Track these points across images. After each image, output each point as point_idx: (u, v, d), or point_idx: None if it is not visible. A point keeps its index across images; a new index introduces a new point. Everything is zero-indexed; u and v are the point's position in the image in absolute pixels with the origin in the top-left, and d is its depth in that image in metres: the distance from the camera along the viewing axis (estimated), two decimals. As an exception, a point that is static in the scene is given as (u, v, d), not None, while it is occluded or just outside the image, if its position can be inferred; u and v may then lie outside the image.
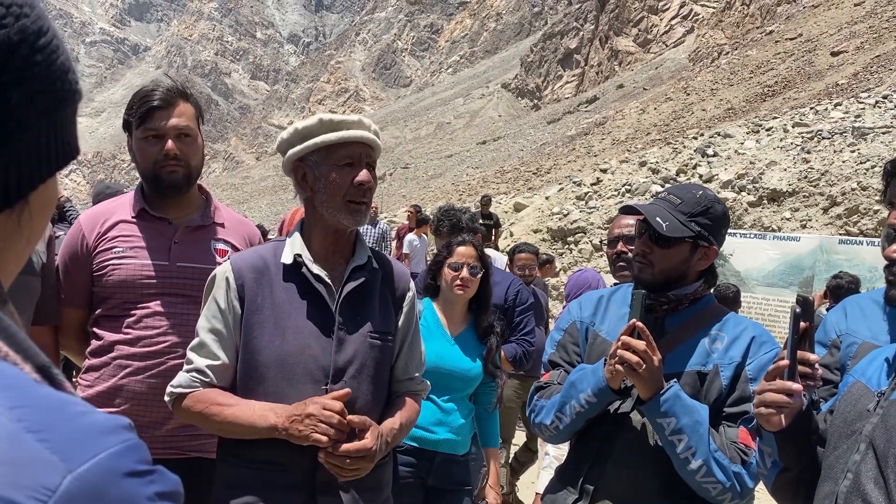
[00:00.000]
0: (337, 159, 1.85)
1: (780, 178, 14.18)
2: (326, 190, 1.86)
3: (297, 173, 1.92)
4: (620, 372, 1.89)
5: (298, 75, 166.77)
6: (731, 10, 52.58)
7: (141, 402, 2.20)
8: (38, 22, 0.60)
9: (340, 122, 1.87)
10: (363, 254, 1.98)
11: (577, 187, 18.03)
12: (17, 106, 0.58)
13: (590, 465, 2.05)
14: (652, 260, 2.02)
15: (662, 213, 1.98)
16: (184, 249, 2.29)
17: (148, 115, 2.20)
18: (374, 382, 1.93)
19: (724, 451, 1.90)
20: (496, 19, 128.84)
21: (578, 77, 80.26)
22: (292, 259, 1.89)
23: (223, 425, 1.82)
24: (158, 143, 2.21)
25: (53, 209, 0.69)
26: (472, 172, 46.54)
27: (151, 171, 2.24)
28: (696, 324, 2.04)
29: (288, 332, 1.85)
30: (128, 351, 2.21)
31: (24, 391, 0.52)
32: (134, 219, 2.29)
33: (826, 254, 9.93)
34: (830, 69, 31.40)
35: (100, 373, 2.23)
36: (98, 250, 2.26)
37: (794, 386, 1.55)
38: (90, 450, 0.51)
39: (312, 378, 1.84)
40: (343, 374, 1.87)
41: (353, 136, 1.85)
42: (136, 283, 2.23)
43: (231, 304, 1.86)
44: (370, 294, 1.96)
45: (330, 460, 1.76)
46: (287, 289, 1.88)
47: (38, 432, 0.49)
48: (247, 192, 78.92)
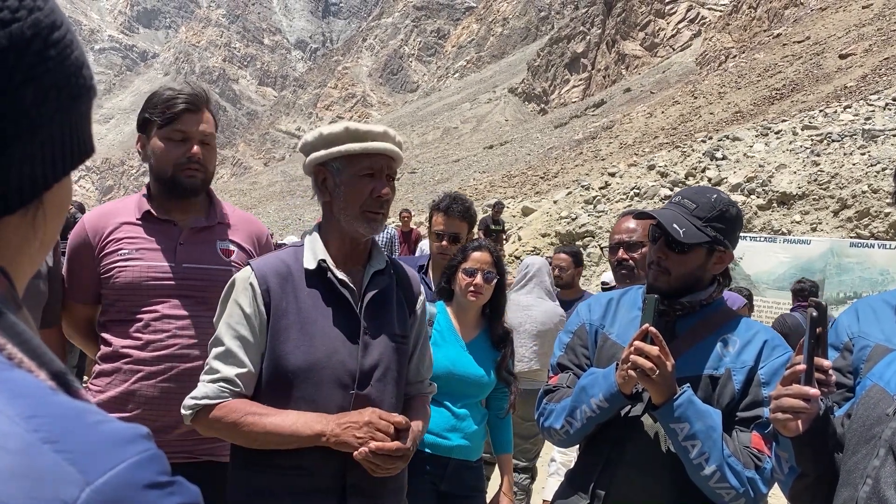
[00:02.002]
0: (358, 169, 1.86)
1: (789, 181, 14.12)
2: (345, 198, 1.87)
3: (318, 177, 1.93)
4: (633, 377, 1.87)
5: (306, 81, 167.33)
6: (739, 14, 52.48)
7: (153, 407, 2.20)
8: (51, 16, 0.58)
9: (366, 133, 1.87)
10: (381, 259, 1.99)
11: (585, 191, 18.00)
12: (30, 102, 0.56)
13: (601, 470, 2.03)
14: (668, 267, 2.00)
15: (678, 219, 1.96)
16: (189, 250, 2.29)
17: (177, 117, 2.21)
18: (396, 385, 1.95)
19: (737, 457, 1.87)
20: (503, 24, 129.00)
21: (585, 81, 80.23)
22: (315, 264, 1.89)
23: (260, 435, 1.78)
24: (182, 146, 2.23)
25: (68, 210, 0.67)
26: (479, 177, 46.57)
27: (170, 173, 2.25)
28: (708, 327, 2.02)
29: (315, 337, 1.85)
30: (138, 356, 2.21)
31: (40, 400, 0.51)
32: (139, 221, 2.30)
33: (837, 257, 9.87)
34: (839, 72, 31.27)
35: (111, 378, 2.23)
36: (104, 252, 2.27)
37: (812, 391, 1.53)
38: (109, 461, 0.49)
39: (340, 383, 1.85)
40: (369, 378, 1.88)
41: (376, 147, 1.86)
42: (143, 284, 2.23)
43: (258, 310, 1.84)
44: (389, 298, 1.98)
45: (371, 459, 1.76)
46: (311, 294, 1.88)
47: (55, 443, 0.48)
48: (255, 197, 79.13)
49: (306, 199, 66.30)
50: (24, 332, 0.56)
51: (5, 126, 0.55)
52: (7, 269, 0.60)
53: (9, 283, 0.59)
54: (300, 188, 79.20)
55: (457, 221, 3.41)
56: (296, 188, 78.79)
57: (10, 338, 0.55)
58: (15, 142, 0.56)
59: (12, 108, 0.56)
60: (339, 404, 1.84)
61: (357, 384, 1.86)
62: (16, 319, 0.56)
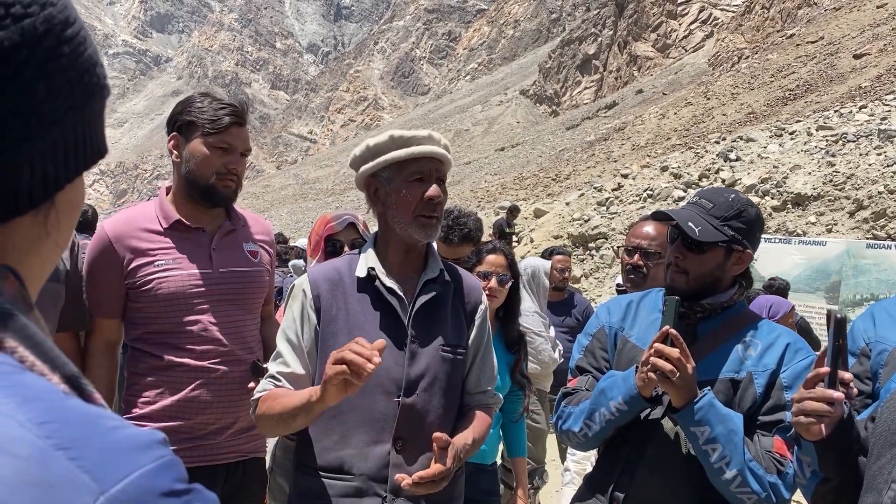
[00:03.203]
0: (407, 175, 1.88)
1: (804, 181, 14.02)
2: (398, 205, 1.89)
3: (370, 189, 1.95)
4: (653, 380, 1.85)
5: (318, 84, 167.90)
6: (751, 14, 52.21)
7: (212, 411, 2.25)
8: (64, 12, 0.57)
9: (411, 139, 1.88)
10: (435, 266, 1.98)
11: (598, 193, 17.94)
12: (42, 100, 0.55)
13: (620, 473, 2.01)
14: (686, 267, 1.98)
15: (695, 218, 1.95)
16: (223, 255, 2.32)
17: (226, 129, 2.25)
18: (445, 396, 1.93)
19: (759, 461, 1.85)
20: (514, 26, 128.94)
21: (597, 83, 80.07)
22: (366, 272, 1.91)
23: (282, 418, 1.79)
24: (226, 156, 2.26)
25: (80, 211, 0.66)
26: (490, 179, 46.51)
27: (208, 180, 2.26)
28: (729, 330, 2.00)
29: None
30: (194, 364, 2.24)
31: (53, 404, 0.49)
32: (165, 230, 2.28)
33: (853, 258, 9.78)
34: (853, 72, 31.04)
35: (161, 389, 2.25)
36: (135, 264, 2.24)
37: (836, 394, 1.50)
38: (124, 468, 0.48)
39: (384, 390, 1.85)
40: (416, 386, 1.87)
41: (422, 151, 1.87)
42: (186, 293, 2.24)
43: (307, 314, 1.89)
44: (442, 307, 1.96)
45: (414, 490, 1.74)
46: (361, 300, 1.90)
47: (68, 449, 0.46)
48: (268, 200, 79.49)
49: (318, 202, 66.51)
50: (37, 335, 0.54)
51: (17, 123, 0.54)
52: (19, 271, 0.58)
53: (20, 284, 0.58)
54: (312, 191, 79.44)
55: (457, 248, 3.35)
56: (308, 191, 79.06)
57: (22, 340, 0.53)
58: (26, 140, 0.55)
59: (24, 104, 0.54)
60: (383, 412, 1.84)
61: (403, 392, 1.85)
62: (28, 321, 0.55)
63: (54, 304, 2.12)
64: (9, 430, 0.46)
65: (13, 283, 0.57)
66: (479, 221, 3.46)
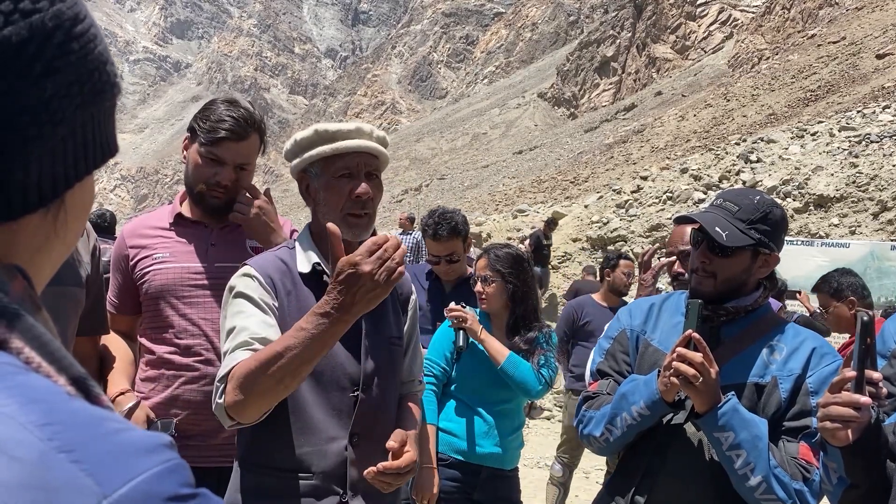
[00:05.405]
0: (334, 171, 1.81)
1: (826, 183, 13.86)
2: (325, 202, 1.82)
3: (302, 184, 1.90)
4: (675, 384, 1.82)
5: (336, 89, 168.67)
6: (771, 15, 51.74)
7: (197, 411, 2.22)
8: (74, 8, 0.56)
9: (336, 133, 1.81)
10: None
11: (616, 195, 17.85)
12: (51, 97, 0.54)
13: (641, 477, 1.99)
14: (712, 271, 1.95)
15: (721, 222, 1.91)
16: (221, 250, 2.31)
17: (217, 142, 2.23)
18: (392, 388, 1.93)
19: (784, 467, 1.82)
20: (532, 29, 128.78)
21: (615, 85, 79.71)
22: (310, 268, 1.85)
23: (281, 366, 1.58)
24: (215, 167, 2.25)
25: (90, 211, 0.65)
26: (508, 182, 46.42)
27: (195, 188, 2.29)
28: (754, 334, 1.97)
29: None
30: (180, 361, 2.23)
31: (56, 406, 0.48)
32: (171, 225, 2.34)
33: (878, 260, 9.64)
34: (876, 72, 30.64)
35: (154, 384, 2.26)
36: (137, 258, 2.31)
37: (863, 399, 1.48)
38: (128, 472, 0.46)
39: (339, 386, 1.81)
40: (371, 380, 1.85)
41: (348, 146, 1.79)
42: (178, 286, 2.25)
43: (263, 294, 1.76)
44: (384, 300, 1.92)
45: (380, 479, 1.73)
46: (310, 296, 1.83)
47: (70, 452, 0.45)
48: (287, 204, 79.89)
49: (337, 205, 66.46)
50: (44, 335, 0.53)
51: (25, 120, 0.53)
52: (26, 270, 0.58)
53: (27, 284, 0.57)
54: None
55: (447, 243, 3.45)
56: (326, 195, 79.01)
57: (29, 341, 0.53)
58: (35, 137, 0.54)
59: (32, 101, 0.54)
60: (339, 407, 1.80)
61: (361, 387, 1.82)
62: (34, 322, 0.54)
63: (74, 309, 2.13)
64: (10, 431, 0.45)
65: (21, 282, 0.57)
66: (464, 217, 3.57)
